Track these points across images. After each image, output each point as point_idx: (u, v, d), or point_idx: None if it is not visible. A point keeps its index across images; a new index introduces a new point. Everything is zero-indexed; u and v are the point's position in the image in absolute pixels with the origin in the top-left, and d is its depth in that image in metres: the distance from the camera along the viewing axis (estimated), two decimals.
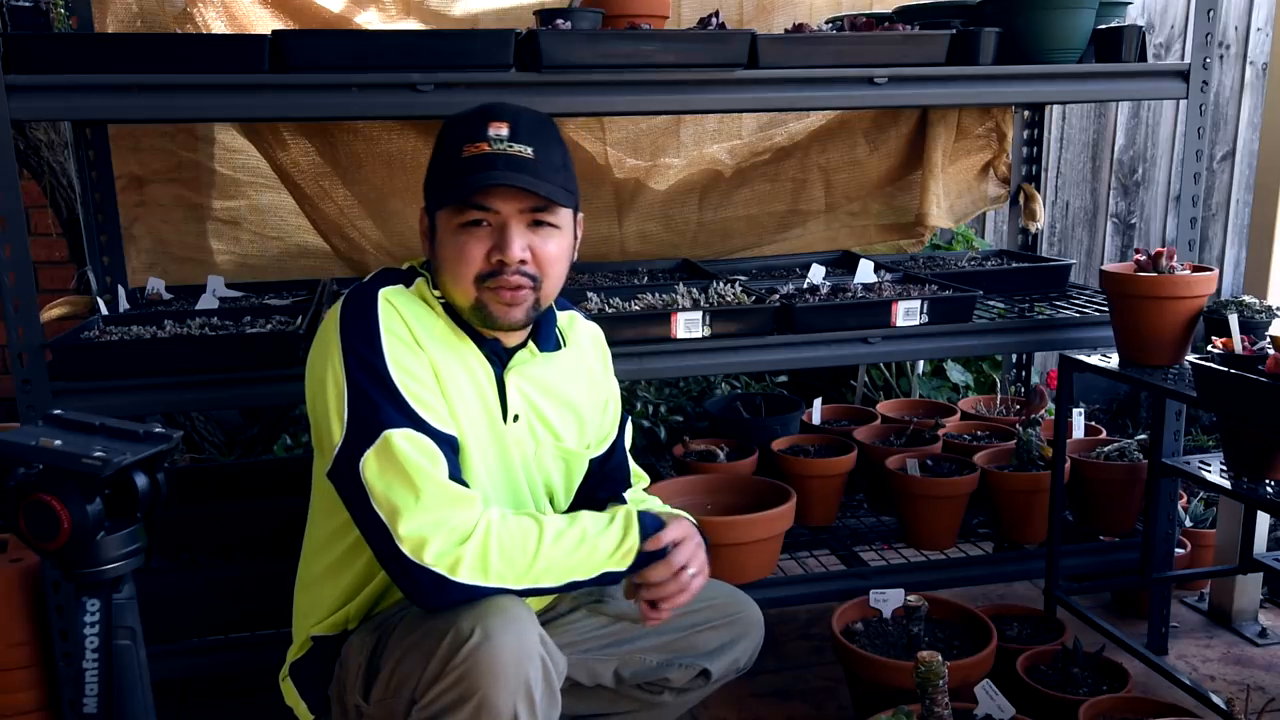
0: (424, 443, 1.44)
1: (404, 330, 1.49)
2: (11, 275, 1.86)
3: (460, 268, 1.51)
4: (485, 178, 1.47)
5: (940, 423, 2.84)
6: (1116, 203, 4.06)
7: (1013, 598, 2.77)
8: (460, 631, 1.38)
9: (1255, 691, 2.33)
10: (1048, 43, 2.25)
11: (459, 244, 1.51)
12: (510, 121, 1.50)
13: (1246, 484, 2.07)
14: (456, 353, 1.55)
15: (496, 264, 1.50)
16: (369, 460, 1.42)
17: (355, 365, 1.45)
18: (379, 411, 1.43)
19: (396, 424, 1.43)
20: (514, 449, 1.61)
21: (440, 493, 1.42)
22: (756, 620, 1.80)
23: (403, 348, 1.48)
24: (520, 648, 1.38)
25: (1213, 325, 2.14)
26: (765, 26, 2.74)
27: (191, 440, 3.03)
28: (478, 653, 1.36)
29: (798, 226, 3.04)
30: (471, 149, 1.49)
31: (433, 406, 1.48)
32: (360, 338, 1.46)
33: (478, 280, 1.51)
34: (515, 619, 1.40)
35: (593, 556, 1.49)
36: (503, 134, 1.49)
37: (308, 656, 1.63)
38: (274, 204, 2.70)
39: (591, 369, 1.76)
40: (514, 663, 1.37)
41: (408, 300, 1.53)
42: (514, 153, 1.48)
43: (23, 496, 1.24)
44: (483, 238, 1.50)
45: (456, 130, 1.53)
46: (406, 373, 1.47)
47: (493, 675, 1.36)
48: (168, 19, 2.38)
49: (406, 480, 1.41)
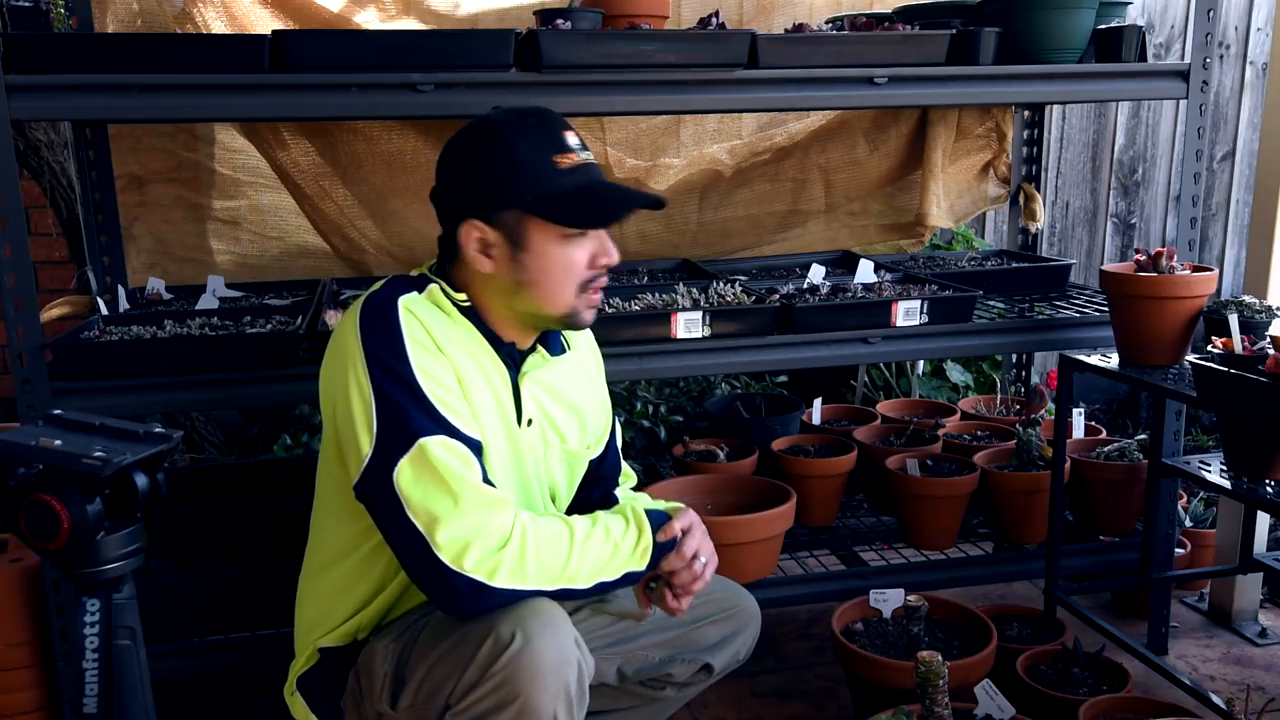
0: (458, 448, 1.43)
1: (426, 337, 1.48)
2: (11, 275, 1.86)
3: (566, 277, 1.53)
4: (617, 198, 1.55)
5: (940, 423, 2.84)
6: (1116, 203, 4.06)
7: (1013, 598, 2.77)
8: (501, 637, 1.38)
9: (1255, 691, 2.33)
10: (1048, 43, 2.25)
11: (565, 255, 1.53)
12: (568, 127, 1.56)
13: (1246, 484, 2.07)
14: (475, 359, 1.55)
15: (601, 268, 1.55)
16: (403, 469, 1.40)
17: (381, 374, 1.43)
18: (410, 420, 1.41)
19: (430, 431, 1.41)
20: (527, 452, 1.62)
21: (477, 497, 1.41)
22: (754, 613, 1.81)
23: (427, 354, 1.47)
24: (560, 651, 1.39)
25: (1213, 325, 2.14)
26: (765, 26, 2.74)
27: (191, 440, 3.04)
28: (520, 657, 1.36)
29: (798, 226, 3.04)
30: (564, 160, 1.51)
31: (460, 412, 1.47)
32: (384, 346, 1.45)
33: (580, 286, 1.55)
34: (553, 621, 1.41)
35: (617, 556, 1.50)
36: (577, 142, 1.54)
37: (316, 669, 1.61)
38: (274, 204, 2.70)
39: (589, 370, 1.78)
40: (554, 666, 1.38)
41: (426, 307, 1.52)
42: (600, 164, 1.56)
43: (23, 496, 1.24)
44: (585, 245, 1.54)
45: (535, 140, 1.51)
46: (433, 379, 1.45)
47: (534, 679, 1.36)
48: (168, 19, 2.38)
49: (444, 487, 1.40)
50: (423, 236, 2.69)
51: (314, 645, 1.61)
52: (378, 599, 1.57)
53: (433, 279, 1.58)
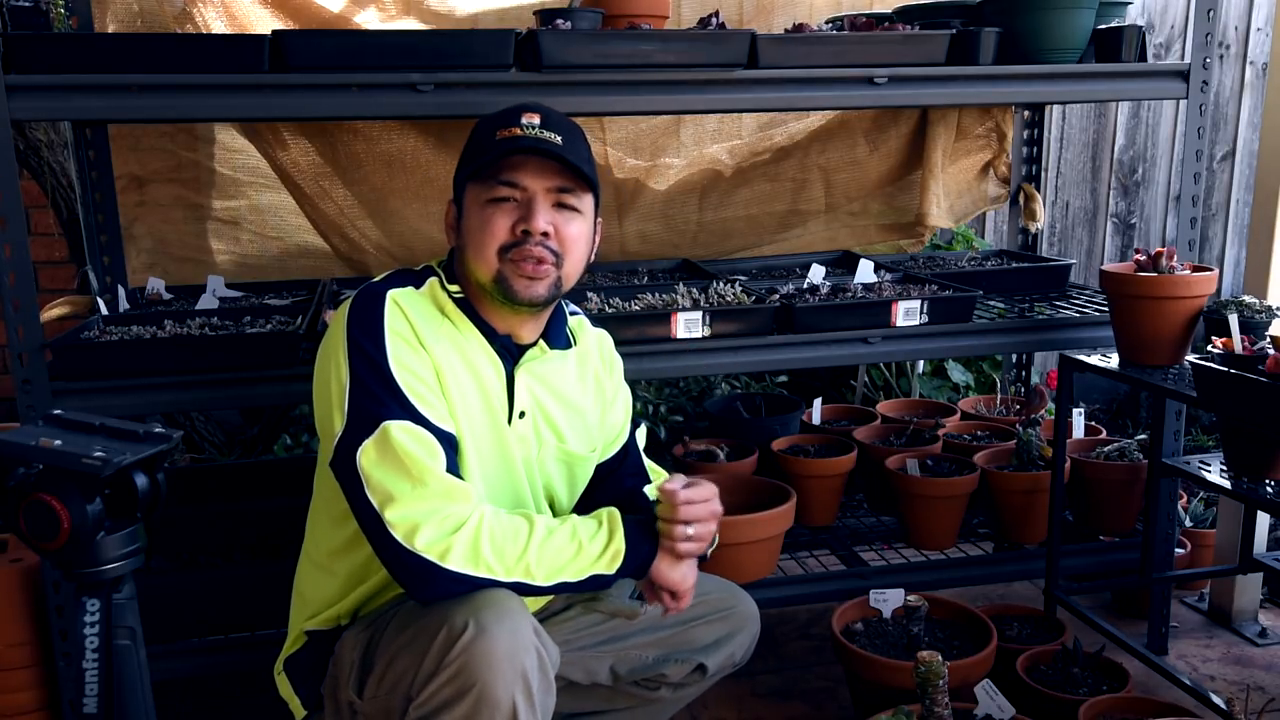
0: (423, 435, 1.47)
1: (408, 330, 1.52)
2: (11, 275, 1.86)
3: (485, 238, 1.55)
4: (515, 144, 1.52)
5: (940, 423, 2.84)
6: (1116, 203, 4.06)
7: (1013, 598, 2.77)
8: (454, 626, 1.39)
9: (1255, 691, 2.33)
10: (1048, 43, 2.25)
11: (485, 216, 1.55)
12: (542, 114, 1.57)
13: (1246, 484, 2.07)
14: (463, 351, 1.57)
15: (521, 234, 1.54)
16: (367, 449, 1.45)
17: (359, 361, 1.48)
18: (379, 405, 1.46)
19: (396, 416, 1.46)
20: (516, 448, 1.62)
21: (436, 483, 1.45)
22: (752, 614, 1.80)
23: (405, 347, 1.51)
24: (515, 639, 1.39)
25: (1213, 325, 2.14)
26: (765, 26, 2.74)
27: (191, 440, 3.03)
28: (473, 645, 1.37)
29: (798, 226, 3.04)
30: (504, 133, 1.54)
31: (433, 404, 1.50)
32: (365, 335, 1.50)
33: (501, 252, 1.54)
34: (508, 611, 1.41)
35: (580, 557, 1.49)
36: (535, 122, 1.55)
37: (302, 651, 1.64)
38: (274, 204, 2.70)
39: (597, 372, 1.77)
40: (510, 654, 1.38)
41: (416, 301, 1.56)
42: (544, 137, 1.54)
43: (23, 496, 1.24)
44: (509, 211, 1.55)
45: (490, 121, 1.59)
46: (408, 371, 1.49)
47: (489, 667, 1.36)
48: (168, 19, 2.38)
49: (403, 469, 1.44)
50: (423, 236, 2.70)
51: (302, 626, 1.64)
52: (360, 586, 1.59)
53: (435, 272, 1.62)
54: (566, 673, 1.68)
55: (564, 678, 1.69)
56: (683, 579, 1.57)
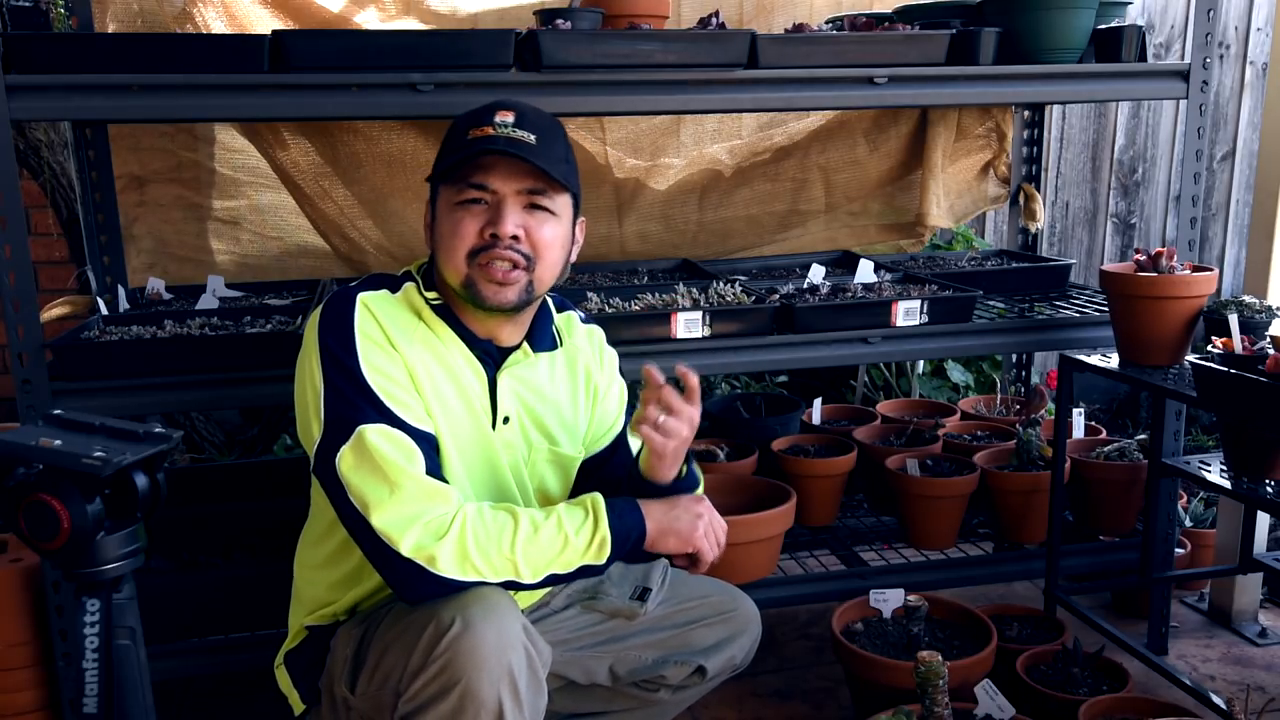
0: (399, 438, 1.46)
1: (378, 332, 1.51)
2: (11, 275, 1.86)
3: (454, 241, 1.52)
4: (484, 145, 1.49)
5: (940, 423, 2.84)
6: (1116, 203, 4.06)
7: (1013, 598, 2.77)
8: (441, 622, 1.39)
9: (1255, 691, 2.33)
10: (1048, 43, 2.25)
11: (454, 220, 1.53)
12: (517, 112, 1.53)
13: (1246, 484, 2.07)
14: (439, 355, 1.55)
15: (489, 238, 1.51)
16: (345, 455, 1.44)
17: (331, 366, 1.47)
18: (354, 410, 1.46)
19: (370, 420, 1.45)
20: (503, 452, 1.61)
21: (415, 487, 1.44)
22: (753, 617, 1.80)
23: (376, 349, 1.49)
24: (501, 635, 1.39)
25: (1213, 325, 2.14)
26: (765, 26, 2.74)
27: (191, 440, 3.04)
28: (459, 642, 1.37)
29: (798, 226, 3.04)
30: (476, 132, 1.51)
31: (408, 405, 1.49)
32: (336, 340, 1.49)
33: (470, 256, 1.52)
34: (495, 607, 1.41)
35: (568, 549, 1.48)
36: (508, 121, 1.52)
37: (302, 646, 1.64)
38: (274, 204, 2.70)
39: (589, 367, 1.74)
40: (496, 650, 1.37)
41: (387, 304, 1.54)
42: (516, 136, 1.50)
43: (23, 496, 1.24)
44: (478, 214, 1.52)
45: (464, 119, 1.56)
46: (380, 373, 1.48)
47: (475, 664, 1.36)
48: (168, 19, 2.38)
49: (380, 475, 1.43)
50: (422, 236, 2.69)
51: (302, 621, 1.64)
52: (357, 587, 1.59)
53: (413, 278, 1.60)
54: (565, 672, 1.68)
55: (562, 677, 1.69)
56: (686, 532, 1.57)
